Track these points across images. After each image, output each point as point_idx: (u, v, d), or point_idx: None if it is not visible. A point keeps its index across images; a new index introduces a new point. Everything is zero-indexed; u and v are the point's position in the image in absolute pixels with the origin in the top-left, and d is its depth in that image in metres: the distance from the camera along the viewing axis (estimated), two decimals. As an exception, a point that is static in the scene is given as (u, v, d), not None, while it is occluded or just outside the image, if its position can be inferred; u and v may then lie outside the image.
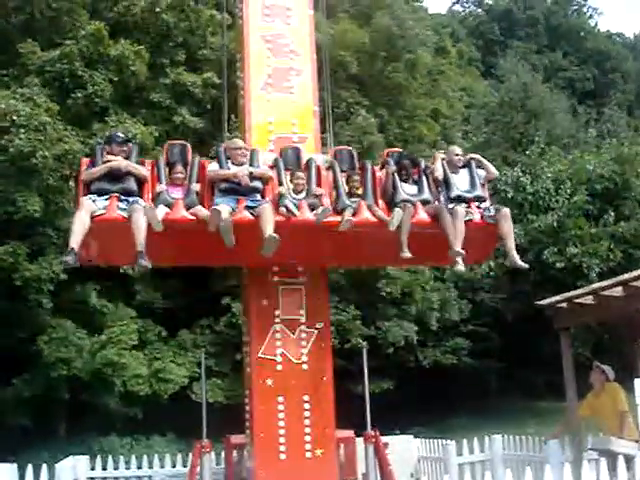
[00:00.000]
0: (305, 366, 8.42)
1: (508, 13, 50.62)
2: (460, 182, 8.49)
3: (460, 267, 7.97)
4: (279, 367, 8.35)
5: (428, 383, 23.96)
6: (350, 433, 9.23)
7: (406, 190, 8.26)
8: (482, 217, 8.24)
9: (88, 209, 7.31)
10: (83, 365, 18.12)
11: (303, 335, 8.48)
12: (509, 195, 24.36)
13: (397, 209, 7.92)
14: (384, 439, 9.36)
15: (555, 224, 23.23)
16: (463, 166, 8.67)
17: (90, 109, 19.60)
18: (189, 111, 21.08)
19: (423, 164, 8.65)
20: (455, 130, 29.93)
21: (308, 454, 8.22)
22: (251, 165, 8.01)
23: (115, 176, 7.65)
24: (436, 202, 8.31)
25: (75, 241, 7.11)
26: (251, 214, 7.57)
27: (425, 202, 8.22)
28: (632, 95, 47.91)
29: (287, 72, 9.17)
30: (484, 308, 25.35)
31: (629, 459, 7.33)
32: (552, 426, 13.67)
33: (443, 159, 8.66)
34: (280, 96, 9.05)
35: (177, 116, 20.75)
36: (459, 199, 8.29)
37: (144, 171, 7.86)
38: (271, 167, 8.21)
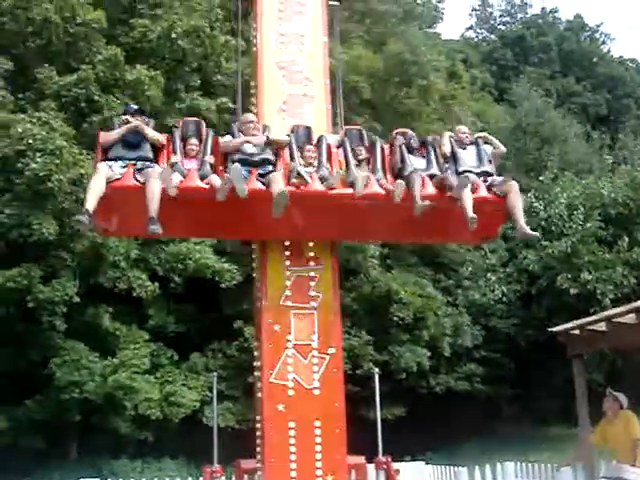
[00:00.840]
0: (317, 391, 8.38)
1: (521, 39, 50.77)
2: (468, 158, 8.56)
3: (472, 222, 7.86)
4: (291, 392, 8.32)
5: (440, 409, 23.83)
6: (361, 459, 9.18)
7: (414, 163, 8.33)
8: (489, 190, 8.29)
9: (104, 174, 7.41)
10: (95, 388, 18.14)
11: (315, 360, 8.46)
12: (522, 220, 24.32)
13: (399, 181, 7.98)
14: (395, 465, 9.33)
15: (568, 250, 23.15)
16: (470, 144, 8.75)
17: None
18: (203, 136, 21.21)
19: (431, 139, 8.77)
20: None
21: (319, 480, 8.18)
22: None
23: (132, 144, 7.77)
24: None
25: (90, 203, 7.20)
26: (262, 183, 7.68)
27: (433, 177, 8.28)
28: (646, 121, 47.82)
29: (301, 98, 9.24)
30: (497, 334, 25.26)
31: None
32: (564, 453, 13.59)
33: (451, 136, 8.77)
34: (294, 122, 9.11)
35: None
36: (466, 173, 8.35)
37: (160, 136, 8.01)
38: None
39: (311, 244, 8.62)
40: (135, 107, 8.37)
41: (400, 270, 22.84)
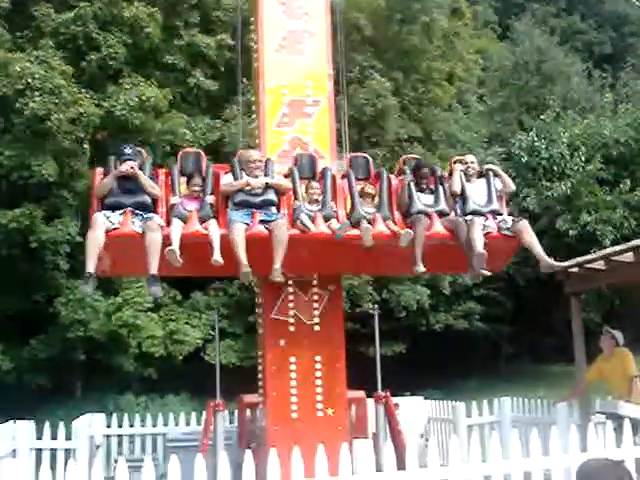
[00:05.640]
0: (317, 327, 8.52)
1: (526, -26, 49.81)
2: (476, 194, 8.38)
3: (484, 272, 7.93)
4: (292, 328, 8.46)
5: (439, 347, 24.09)
6: (361, 394, 9.36)
7: (422, 200, 8.18)
8: (499, 230, 8.18)
9: (102, 226, 7.21)
10: (99, 326, 18.35)
11: (315, 297, 8.58)
12: (523, 159, 24.23)
13: (406, 230, 7.82)
14: (394, 400, 9.50)
15: (569, 192, 23.07)
16: (480, 176, 8.60)
17: (104, 71, 19.63)
18: (203, 73, 21.07)
19: (439, 172, 8.58)
20: (470, 93, 29.67)
21: (319, 413, 8.35)
22: (266, 175, 7.93)
23: (128, 190, 7.54)
24: (452, 213, 8.26)
25: (92, 265, 7.06)
26: (265, 228, 7.56)
27: (441, 213, 8.16)
28: (650, 60, 47.21)
29: (301, 34, 9.15)
30: (496, 273, 25.31)
31: (636, 423, 7.41)
32: (561, 390, 13.81)
33: (461, 170, 8.55)
34: (294, 59, 9.04)
35: (191, 78, 20.77)
36: (475, 213, 8.20)
37: (156, 186, 7.77)
38: (286, 176, 8.19)
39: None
40: (129, 151, 7.85)
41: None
